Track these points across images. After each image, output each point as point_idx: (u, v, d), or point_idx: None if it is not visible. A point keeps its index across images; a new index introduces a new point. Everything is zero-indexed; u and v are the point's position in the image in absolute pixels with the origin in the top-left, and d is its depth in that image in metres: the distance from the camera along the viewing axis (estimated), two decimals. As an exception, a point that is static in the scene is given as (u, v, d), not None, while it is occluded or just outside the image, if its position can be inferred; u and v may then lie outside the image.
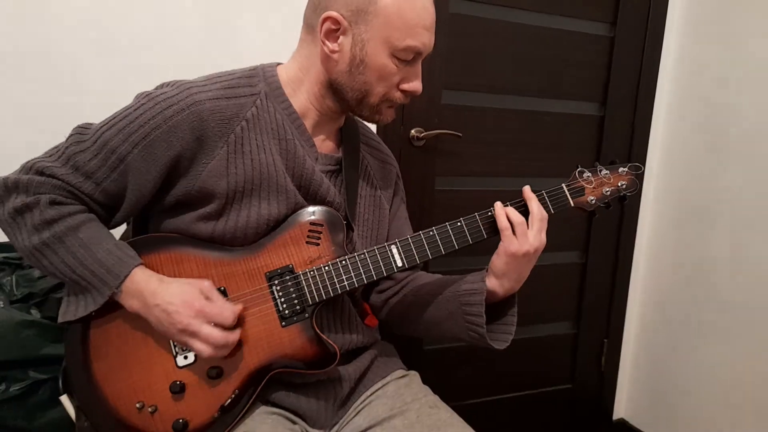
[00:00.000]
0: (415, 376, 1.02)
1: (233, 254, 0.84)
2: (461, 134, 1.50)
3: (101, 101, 0.98)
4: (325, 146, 0.93)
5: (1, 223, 0.80)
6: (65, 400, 0.84)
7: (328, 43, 0.83)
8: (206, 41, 1.25)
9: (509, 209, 0.88)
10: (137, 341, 0.81)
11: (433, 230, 0.88)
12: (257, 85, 0.86)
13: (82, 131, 0.82)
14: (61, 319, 0.80)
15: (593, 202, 0.93)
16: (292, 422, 0.88)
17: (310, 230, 0.87)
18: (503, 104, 1.59)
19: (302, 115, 0.89)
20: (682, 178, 1.70)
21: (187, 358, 0.81)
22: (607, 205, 0.94)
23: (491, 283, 0.88)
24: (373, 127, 1.10)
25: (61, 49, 1.14)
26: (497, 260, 0.87)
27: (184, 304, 0.76)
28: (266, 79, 0.87)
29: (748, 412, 1.49)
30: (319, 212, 0.88)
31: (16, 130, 1.13)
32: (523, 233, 0.86)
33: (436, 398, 0.96)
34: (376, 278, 0.87)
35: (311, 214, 0.87)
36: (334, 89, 0.87)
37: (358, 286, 0.86)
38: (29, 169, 0.79)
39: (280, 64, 0.91)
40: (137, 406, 0.80)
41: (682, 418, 1.69)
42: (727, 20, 1.56)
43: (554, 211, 0.91)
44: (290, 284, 0.85)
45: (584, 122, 1.70)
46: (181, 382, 0.81)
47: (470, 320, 0.88)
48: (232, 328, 0.79)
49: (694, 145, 1.66)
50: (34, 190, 0.78)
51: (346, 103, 0.88)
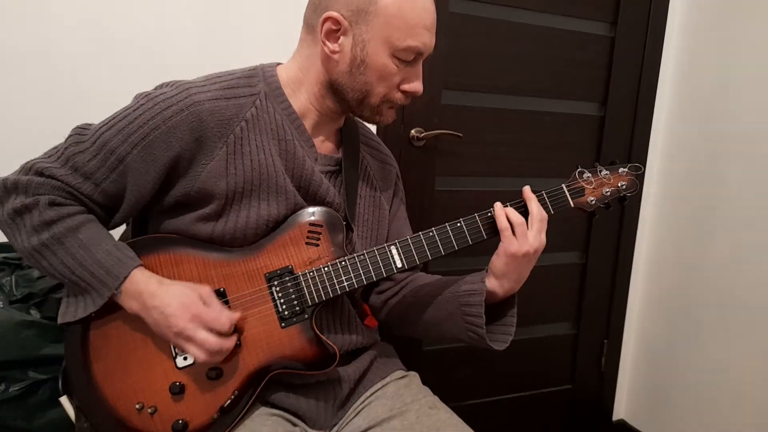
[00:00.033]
0: (414, 376, 1.02)
1: (232, 255, 0.84)
2: (461, 134, 1.49)
3: (101, 101, 0.97)
4: (324, 147, 0.93)
5: (0, 224, 0.80)
6: (65, 401, 0.84)
7: (328, 43, 0.83)
8: (206, 41, 1.25)
9: (509, 210, 0.88)
10: (137, 342, 0.81)
11: (432, 231, 0.88)
12: (257, 85, 0.86)
13: (81, 132, 0.81)
14: (60, 320, 0.80)
15: (593, 202, 0.93)
16: (291, 423, 0.88)
17: (309, 231, 0.86)
18: (503, 104, 1.59)
19: (302, 115, 0.89)
20: (682, 178, 1.69)
21: (186, 359, 0.81)
22: (607, 205, 0.94)
23: (491, 283, 0.88)
24: (372, 127, 1.10)
25: (61, 49, 1.14)
26: (497, 261, 0.87)
27: (181, 307, 0.76)
28: (266, 79, 0.87)
29: (748, 412, 1.49)
30: (318, 213, 0.87)
31: (16, 130, 1.13)
32: (522, 234, 0.86)
33: (435, 399, 0.96)
34: (375, 279, 0.87)
35: (311, 214, 0.87)
36: (334, 90, 0.87)
37: (357, 287, 0.86)
38: (29, 169, 0.79)
39: (280, 64, 0.91)
40: (137, 406, 0.80)
41: (682, 418, 1.69)
42: (727, 20, 1.55)
43: (554, 211, 0.91)
44: (290, 285, 0.85)
45: (584, 122, 1.70)
46: (180, 382, 0.81)
47: (470, 321, 0.88)
48: (229, 334, 0.79)
49: (694, 145, 1.65)
50: (33, 191, 0.78)
51: (346, 103, 0.88)
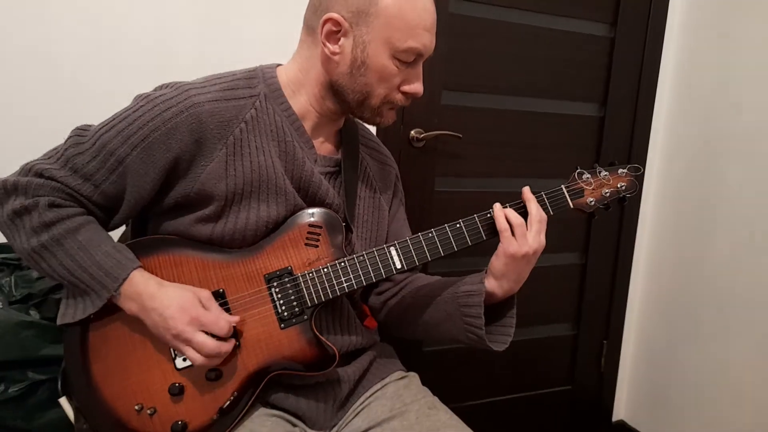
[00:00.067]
0: (414, 377, 1.02)
1: (232, 256, 0.84)
2: (461, 135, 1.49)
3: (101, 101, 0.98)
4: (324, 148, 0.93)
5: (0, 225, 0.80)
6: (64, 401, 0.84)
7: (328, 44, 0.83)
8: (206, 41, 1.24)
9: (508, 210, 0.88)
10: (136, 343, 0.81)
11: (432, 232, 0.88)
12: (256, 86, 0.86)
13: (81, 133, 0.82)
14: (59, 321, 0.80)
15: (592, 203, 0.93)
16: (291, 424, 0.88)
17: (308, 232, 0.86)
18: (503, 105, 1.59)
19: (302, 116, 0.88)
20: (681, 177, 1.69)
21: (186, 360, 0.81)
22: (606, 206, 0.94)
23: (490, 284, 0.88)
24: (372, 128, 1.10)
25: (61, 49, 1.14)
26: (496, 261, 0.87)
27: (180, 309, 0.76)
28: (266, 80, 0.87)
29: (748, 412, 1.49)
30: (318, 214, 0.87)
31: (16, 130, 1.13)
32: (522, 235, 0.86)
33: (435, 399, 0.96)
34: (375, 280, 0.87)
35: (310, 215, 0.87)
36: (334, 91, 0.87)
37: (357, 287, 0.86)
38: (28, 171, 0.79)
39: (279, 65, 0.91)
40: (136, 407, 0.80)
41: (682, 418, 1.69)
42: (727, 19, 1.55)
43: (553, 212, 0.91)
44: (289, 286, 0.85)
45: (584, 123, 1.69)
46: (180, 384, 0.81)
47: (469, 322, 0.88)
48: (227, 338, 0.79)
49: (694, 144, 1.65)
50: (33, 192, 0.78)
51: (346, 104, 0.88)
